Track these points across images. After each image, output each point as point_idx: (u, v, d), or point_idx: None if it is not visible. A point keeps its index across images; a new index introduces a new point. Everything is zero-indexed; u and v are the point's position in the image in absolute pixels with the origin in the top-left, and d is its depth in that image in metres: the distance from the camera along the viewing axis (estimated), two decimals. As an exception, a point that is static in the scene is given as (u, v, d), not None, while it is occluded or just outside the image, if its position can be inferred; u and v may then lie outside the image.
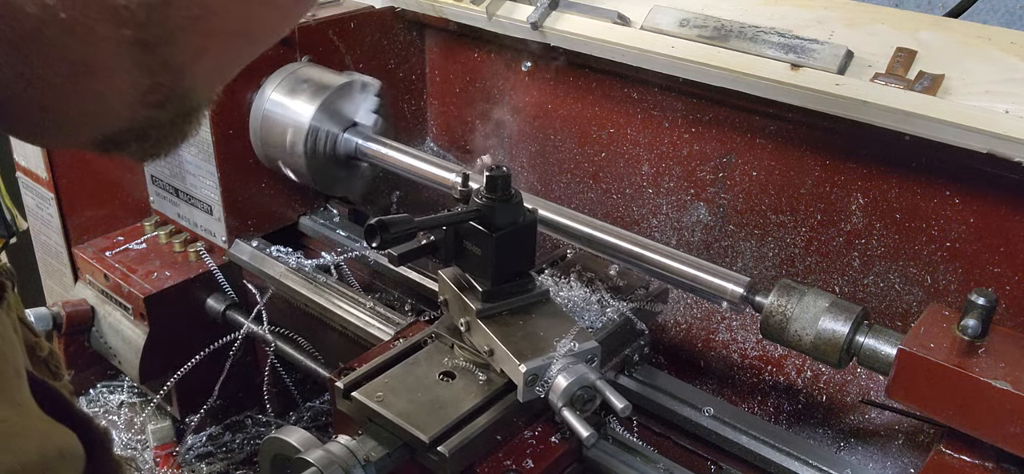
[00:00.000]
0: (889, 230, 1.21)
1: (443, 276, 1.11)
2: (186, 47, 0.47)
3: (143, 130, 0.51)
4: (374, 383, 1.04)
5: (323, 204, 1.67)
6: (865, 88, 1.12)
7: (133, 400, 1.70)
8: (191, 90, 0.50)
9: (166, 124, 0.52)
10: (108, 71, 0.45)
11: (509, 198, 1.03)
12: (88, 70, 0.45)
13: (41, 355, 0.63)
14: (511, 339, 1.00)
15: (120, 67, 0.45)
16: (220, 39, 0.48)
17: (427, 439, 0.95)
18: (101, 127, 0.50)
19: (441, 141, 1.77)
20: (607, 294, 1.20)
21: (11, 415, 0.43)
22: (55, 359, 0.65)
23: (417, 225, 1.00)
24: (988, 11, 1.90)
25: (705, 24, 1.28)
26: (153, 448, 1.65)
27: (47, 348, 0.64)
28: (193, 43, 0.47)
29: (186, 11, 0.45)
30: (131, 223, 1.69)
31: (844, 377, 1.27)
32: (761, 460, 1.11)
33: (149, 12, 0.43)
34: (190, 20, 0.45)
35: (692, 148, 1.39)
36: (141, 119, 0.50)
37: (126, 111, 0.49)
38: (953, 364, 0.84)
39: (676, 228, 1.45)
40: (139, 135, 0.52)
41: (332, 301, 1.41)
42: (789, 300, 0.99)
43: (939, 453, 0.90)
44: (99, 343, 1.61)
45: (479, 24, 1.50)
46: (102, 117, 0.49)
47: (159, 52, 0.46)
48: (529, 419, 1.07)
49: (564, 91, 1.52)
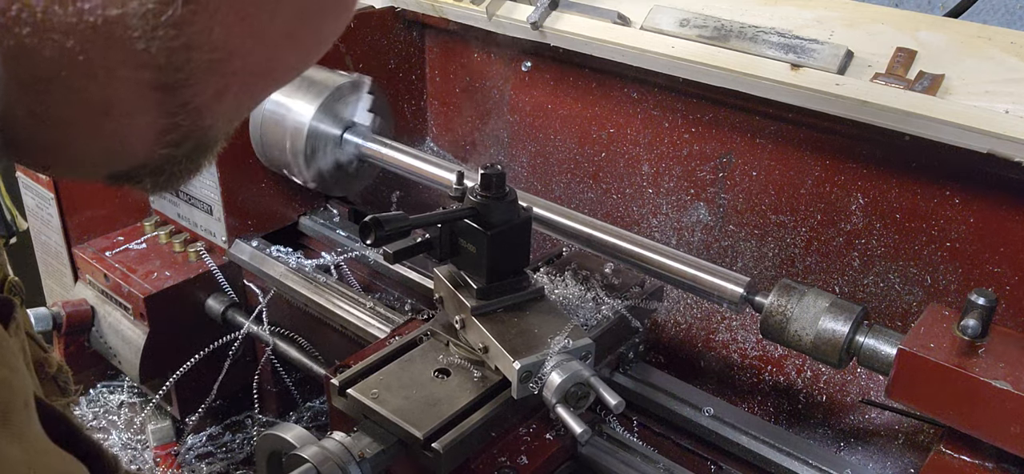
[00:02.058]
0: (889, 230, 1.21)
1: (438, 274, 1.11)
2: (206, 88, 0.46)
3: (158, 166, 0.51)
4: (369, 380, 1.04)
5: (323, 204, 1.67)
6: (865, 88, 1.11)
7: (133, 400, 1.70)
8: (210, 128, 0.50)
9: (182, 160, 0.51)
10: (126, 112, 0.45)
11: (503, 196, 1.03)
12: (106, 111, 0.44)
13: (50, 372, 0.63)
14: (506, 336, 1.00)
15: (139, 108, 0.45)
16: (241, 79, 0.48)
17: (421, 436, 0.95)
18: (116, 164, 0.50)
19: (441, 141, 1.77)
20: (602, 292, 1.20)
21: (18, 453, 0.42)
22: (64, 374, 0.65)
23: (412, 223, 1.00)
24: (988, 11, 1.89)
25: (705, 24, 1.28)
26: (153, 448, 1.65)
27: (56, 364, 0.64)
28: (214, 84, 0.46)
29: (208, 54, 0.44)
30: (131, 223, 1.70)
31: (844, 377, 1.26)
32: (761, 460, 1.11)
33: (170, 56, 0.42)
34: (212, 63, 0.44)
35: (692, 148, 1.38)
36: (157, 157, 0.49)
37: (143, 150, 0.48)
38: (953, 364, 0.84)
39: (676, 228, 1.44)
40: (154, 171, 0.51)
41: (332, 301, 1.41)
42: (789, 300, 0.99)
43: (939, 453, 0.89)
44: (99, 343, 1.61)
45: (479, 24, 1.50)
46: (118, 155, 0.48)
47: (179, 94, 0.45)
48: (524, 416, 1.07)
49: (564, 91, 1.52)
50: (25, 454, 0.42)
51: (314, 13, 0.49)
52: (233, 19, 0.43)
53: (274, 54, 0.48)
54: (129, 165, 0.50)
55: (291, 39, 0.48)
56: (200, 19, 0.42)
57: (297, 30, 0.48)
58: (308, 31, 0.49)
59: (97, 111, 0.44)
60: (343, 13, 0.51)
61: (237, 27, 0.44)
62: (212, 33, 0.43)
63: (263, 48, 0.47)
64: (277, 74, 0.51)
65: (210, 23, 0.42)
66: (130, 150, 0.48)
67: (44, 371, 0.62)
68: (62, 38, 0.40)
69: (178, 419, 1.64)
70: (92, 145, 0.46)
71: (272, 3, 0.45)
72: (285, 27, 0.47)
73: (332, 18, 0.51)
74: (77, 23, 0.39)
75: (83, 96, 0.43)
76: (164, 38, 0.41)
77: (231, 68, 0.46)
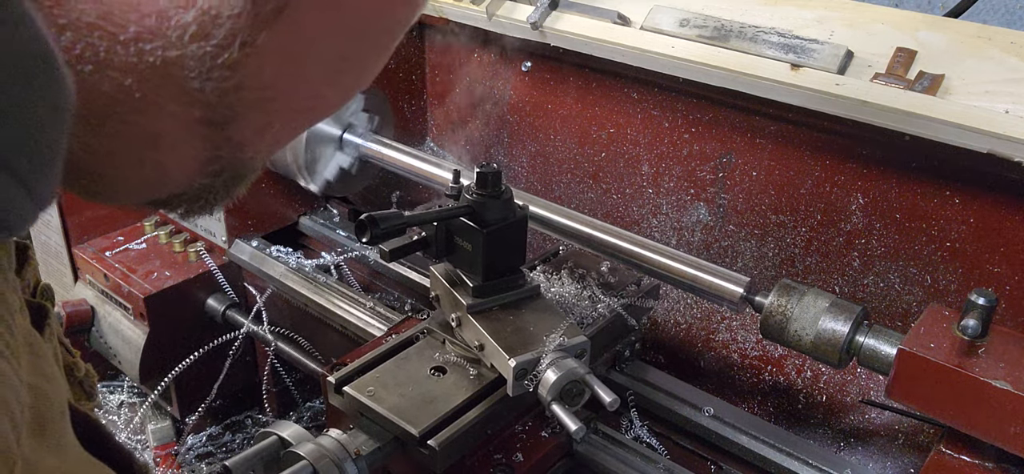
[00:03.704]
0: (889, 230, 1.20)
1: (434, 272, 1.11)
2: (251, 124, 0.47)
3: (196, 194, 0.52)
4: (365, 378, 1.04)
5: (323, 204, 1.67)
6: (865, 88, 1.11)
7: (133, 400, 1.70)
8: (250, 160, 0.51)
9: (219, 188, 0.52)
10: (172, 145, 0.46)
11: (499, 194, 1.03)
12: (153, 144, 0.45)
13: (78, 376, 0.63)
14: (501, 334, 1.00)
15: (185, 141, 0.46)
16: (285, 116, 0.49)
17: (417, 433, 0.95)
18: (156, 193, 0.51)
19: (441, 141, 1.77)
20: (598, 290, 1.20)
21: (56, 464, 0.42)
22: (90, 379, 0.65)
23: (407, 220, 1.00)
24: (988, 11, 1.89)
25: (705, 24, 1.28)
26: (153, 448, 1.66)
27: (83, 369, 0.65)
28: (258, 120, 0.47)
29: (257, 94, 0.45)
30: (131, 223, 1.70)
31: (844, 377, 1.26)
32: (761, 460, 1.11)
33: (222, 95, 0.44)
34: (259, 100, 0.46)
35: (692, 148, 1.38)
36: (197, 186, 0.51)
37: (184, 180, 0.49)
38: (953, 364, 0.83)
39: (676, 228, 1.44)
40: (191, 198, 0.52)
41: (332, 301, 1.41)
42: (789, 300, 0.99)
43: (939, 453, 0.89)
44: (99, 343, 1.61)
45: (479, 24, 1.50)
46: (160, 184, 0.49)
47: (226, 129, 0.46)
48: (519, 414, 1.07)
49: (564, 91, 1.52)
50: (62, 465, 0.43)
51: (355, 56, 0.51)
52: (282, 61, 0.45)
53: (317, 92, 0.50)
54: (169, 193, 0.51)
55: (333, 79, 0.51)
56: (253, 61, 0.43)
57: (339, 71, 0.50)
58: (349, 72, 0.52)
59: (145, 144, 0.45)
60: (382, 56, 0.53)
61: (285, 68, 0.46)
62: (263, 74, 0.45)
63: (307, 87, 0.49)
64: (318, 110, 0.53)
65: (262, 64, 0.44)
66: (172, 180, 0.49)
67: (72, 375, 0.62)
68: (121, 76, 0.41)
69: (178, 419, 1.64)
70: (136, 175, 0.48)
71: (318, 47, 0.47)
72: (329, 68, 0.49)
73: (372, 60, 0.53)
74: (137, 63, 0.41)
75: (134, 130, 0.44)
76: (218, 78, 0.43)
77: (276, 106, 0.48)
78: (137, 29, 0.40)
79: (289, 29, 0.44)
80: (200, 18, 0.41)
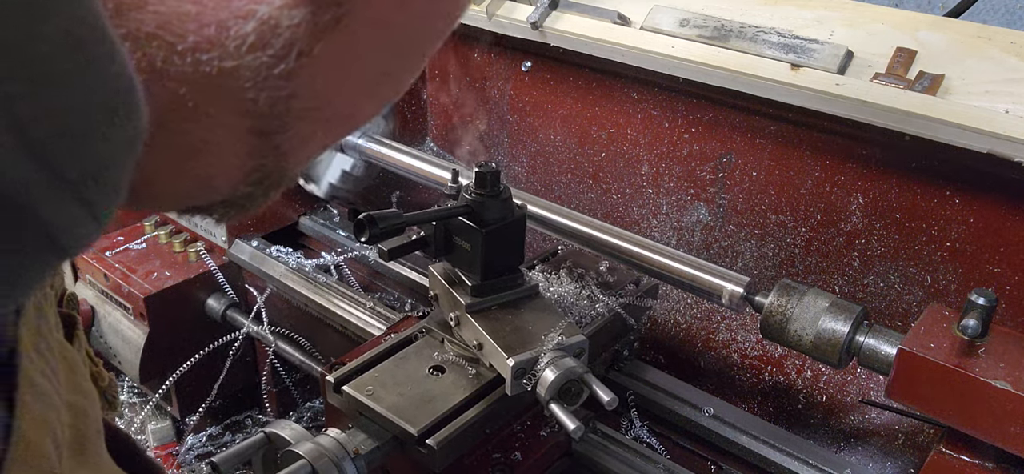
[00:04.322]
0: (889, 230, 1.20)
1: (433, 271, 1.11)
2: (297, 134, 0.47)
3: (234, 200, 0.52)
4: (364, 377, 1.04)
5: (323, 204, 1.67)
6: (865, 88, 1.11)
7: (133, 400, 1.70)
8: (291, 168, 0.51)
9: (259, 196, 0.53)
10: (220, 154, 0.46)
11: (498, 194, 1.03)
12: (201, 153, 0.45)
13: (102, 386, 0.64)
14: (500, 333, 1.00)
15: (232, 151, 0.46)
16: (327, 126, 0.50)
17: (416, 432, 0.95)
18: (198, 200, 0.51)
19: (441, 141, 1.77)
20: (597, 289, 1.20)
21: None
22: (113, 388, 0.66)
23: (405, 220, 1.00)
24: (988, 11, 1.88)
25: (705, 24, 1.28)
26: (153, 448, 1.66)
27: (107, 378, 0.65)
28: (304, 131, 0.48)
29: (308, 104, 0.45)
30: (131, 223, 1.70)
31: (844, 377, 1.26)
32: (761, 460, 1.11)
33: (273, 105, 0.44)
34: (308, 110, 0.46)
35: (692, 148, 1.38)
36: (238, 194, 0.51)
37: (228, 188, 0.49)
38: (953, 364, 0.83)
39: (676, 228, 1.44)
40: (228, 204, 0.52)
41: (332, 301, 1.41)
42: (789, 300, 0.99)
43: (939, 453, 0.89)
44: (99, 343, 1.61)
45: (479, 24, 1.50)
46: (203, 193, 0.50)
47: (273, 139, 0.46)
48: (518, 413, 1.07)
49: (564, 91, 1.52)
50: None
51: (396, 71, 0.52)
52: (333, 72, 0.46)
53: (359, 102, 0.51)
54: (210, 201, 0.51)
55: (374, 91, 0.52)
56: (307, 71, 0.43)
57: (380, 83, 0.51)
58: (388, 85, 0.53)
59: (193, 153, 0.45)
60: (416, 72, 0.55)
61: (335, 79, 0.46)
62: (314, 84, 0.45)
63: (351, 97, 0.49)
64: (357, 119, 0.54)
65: (314, 75, 0.44)
66: (215, 188, 0.49)
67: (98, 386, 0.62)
68: (176, 86, 0.41)
69: (178, 419, 1.64)
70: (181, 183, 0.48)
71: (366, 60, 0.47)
72: (371, 79, 0.50)
73: (408, 75, 0.54)
74: (193, 73, 0.41)
75: (184, 139, 0.44)
76: (273, 89, 0.43)
77: (322, 115, 0.48)
78: (196, 39, 0.40)
79: (343, 41, 0.44)
80: (259, 28, 0.41)
